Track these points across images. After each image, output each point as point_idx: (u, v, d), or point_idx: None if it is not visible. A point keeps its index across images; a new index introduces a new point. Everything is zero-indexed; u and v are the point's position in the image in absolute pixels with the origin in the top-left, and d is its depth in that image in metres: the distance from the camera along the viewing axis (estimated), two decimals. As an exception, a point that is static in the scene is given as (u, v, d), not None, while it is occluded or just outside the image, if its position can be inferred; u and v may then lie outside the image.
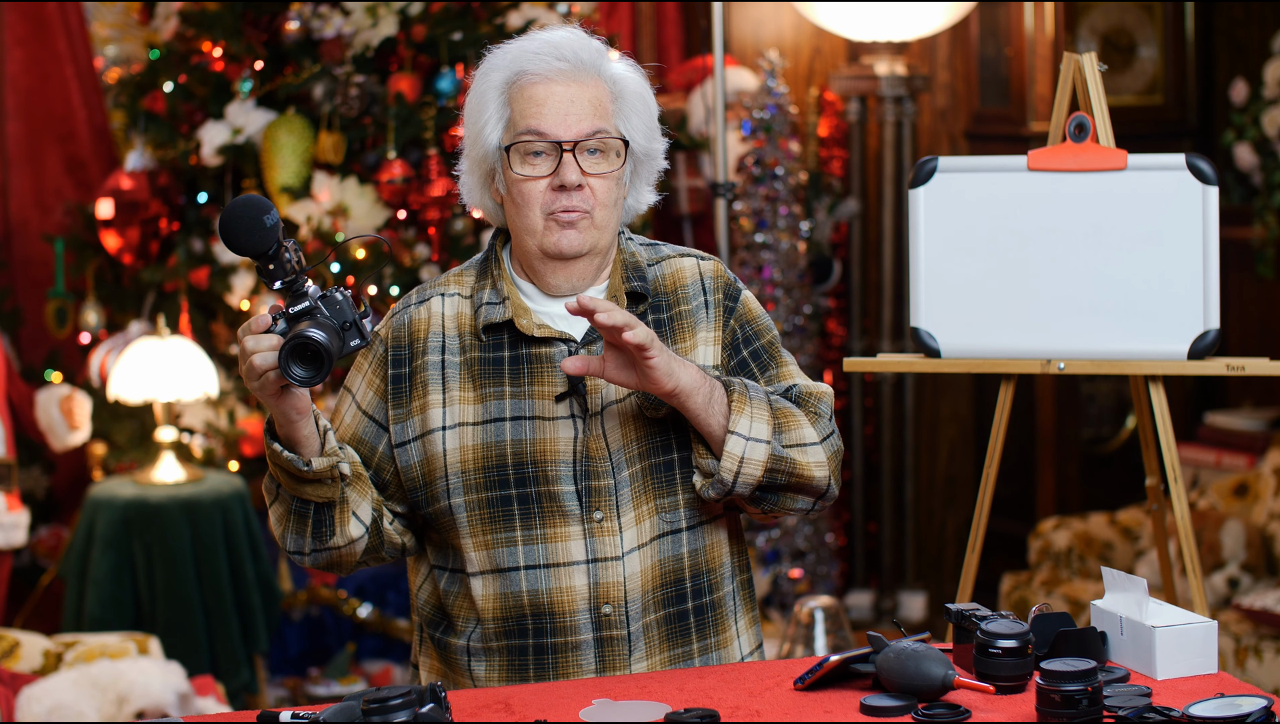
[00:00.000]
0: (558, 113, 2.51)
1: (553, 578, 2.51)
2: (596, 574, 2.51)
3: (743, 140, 5.91)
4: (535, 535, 2.52)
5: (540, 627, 2.52)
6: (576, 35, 2.58)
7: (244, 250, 2.38)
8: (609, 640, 2.52)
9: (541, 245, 2.53)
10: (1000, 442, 3.51)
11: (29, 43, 5.66)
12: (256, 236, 2.37)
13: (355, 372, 2.64)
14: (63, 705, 4.06)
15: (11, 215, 5.68)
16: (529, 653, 2.53)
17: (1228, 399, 6.38)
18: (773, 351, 2.67)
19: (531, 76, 2.53)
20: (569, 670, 2.52)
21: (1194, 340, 3.35)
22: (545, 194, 2.52)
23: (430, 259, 5.22)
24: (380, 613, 5.36)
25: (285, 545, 2.54)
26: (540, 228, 2.53)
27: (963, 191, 3.44)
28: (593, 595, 2.51)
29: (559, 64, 2.53)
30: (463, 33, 5.31)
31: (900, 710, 2.26)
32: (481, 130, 2.56)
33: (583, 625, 2.52)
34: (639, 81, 2.60)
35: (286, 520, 2.52)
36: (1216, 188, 3.33)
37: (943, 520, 6.61)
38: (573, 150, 2.51)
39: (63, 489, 5.59)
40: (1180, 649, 2.38)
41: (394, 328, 2.61)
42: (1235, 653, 5.00)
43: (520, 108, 2.53)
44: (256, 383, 2.39)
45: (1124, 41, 6.36)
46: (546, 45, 2.55)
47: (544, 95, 2.52)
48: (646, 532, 2.54)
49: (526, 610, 2.52)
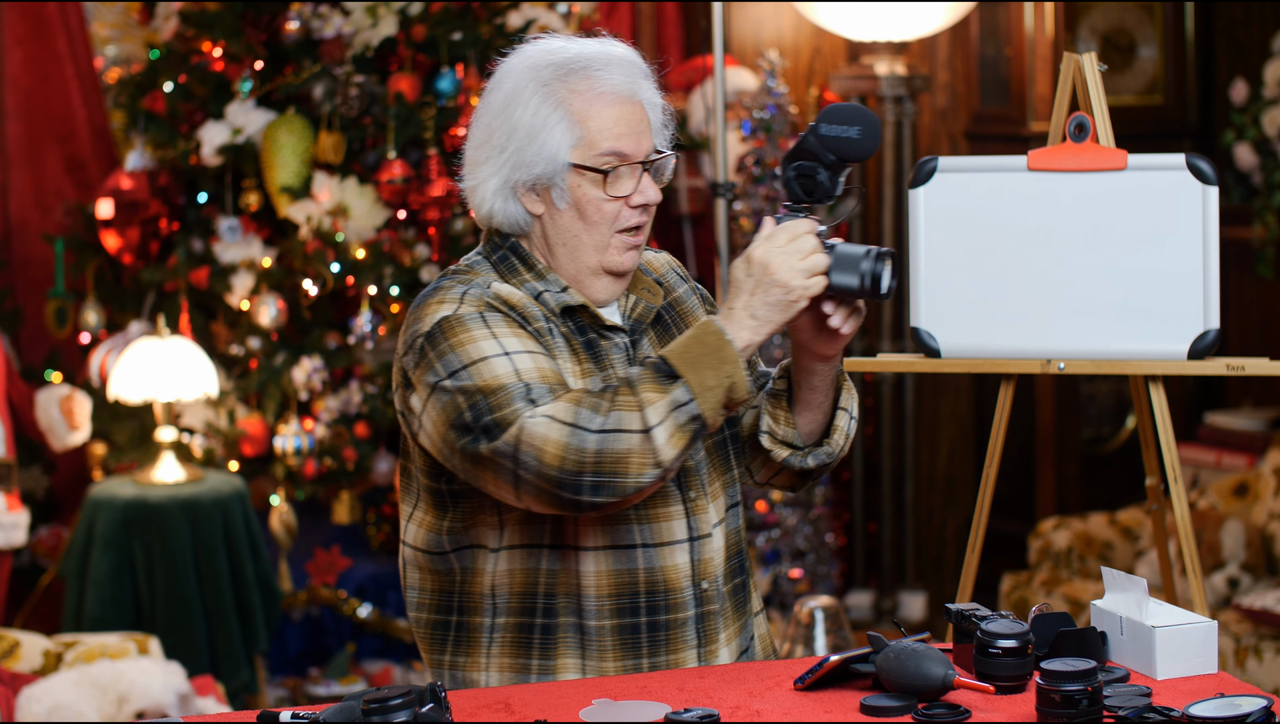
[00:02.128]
0: (634, 133, 2.55)
1: (662, 556, 2.56)
2: (697, 551, 2.58)
3: (743, 140, 5.92)
4: (645, 514, 2.56)
5: (654, 604, 2.56)
6: (628, 49, 2.61)
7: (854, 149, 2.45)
8: (708, 615, 2.59)
9: (604, 262, 2.56)
10: (1000, 442, 3.50)
11: (29, 43, 5.66)
12: (871, 143, 2.45)
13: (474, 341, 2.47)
14: (63, 705, 4.06)
15: (11, 215, 5.68)
16: (642, 630, 2.56)
17: (1228, 399, 6.38)
18: None
19: (606, 96, 2.54)
20: (677, 647, 2.57)
21: (1194, 340, 3.35)
22: (622, 212, 2.56)
23: (430, 259, 5.22)
24: (380, 613, 5.36)
25: (671, 464, 2.39)
26: (608, 245, 2.56)
27: (963, 191, 3.44)
28: (694, 572, 2.57)
29: (629, 82, 2.56)
30: (463, 33, 5.31)
31: (900, 710, 2.26)
32: (539, 145, 2.54)
33: (688, 602, 2.57)
34: (658, 93, 2.65)
35: (685, 439, 2.41)
36: (1216, 188, 3.33)
37: (943, 520, 6.61)
38: (648, 170, 2.57)
39: (63, 489, 5.59)
40: (1180, 649, 2.38)
41: (484, 298, 2.53)
42: (1235, 653, 5.00)
43: (598, 126, 2.53)
44: (805, 281, 2.42)
45: (1124, 41, 6.36)
46: (610, 61, 2.56)
47: (621, 115, 2.54)
48: (722, 507, 2.63)
49: (641, 588, 2.55)
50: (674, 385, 2.38)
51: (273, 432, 5.25)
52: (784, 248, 2.43)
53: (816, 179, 2.47)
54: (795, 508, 5.89)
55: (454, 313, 2.50)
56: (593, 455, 2.36)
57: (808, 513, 5.94)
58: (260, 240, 5.28)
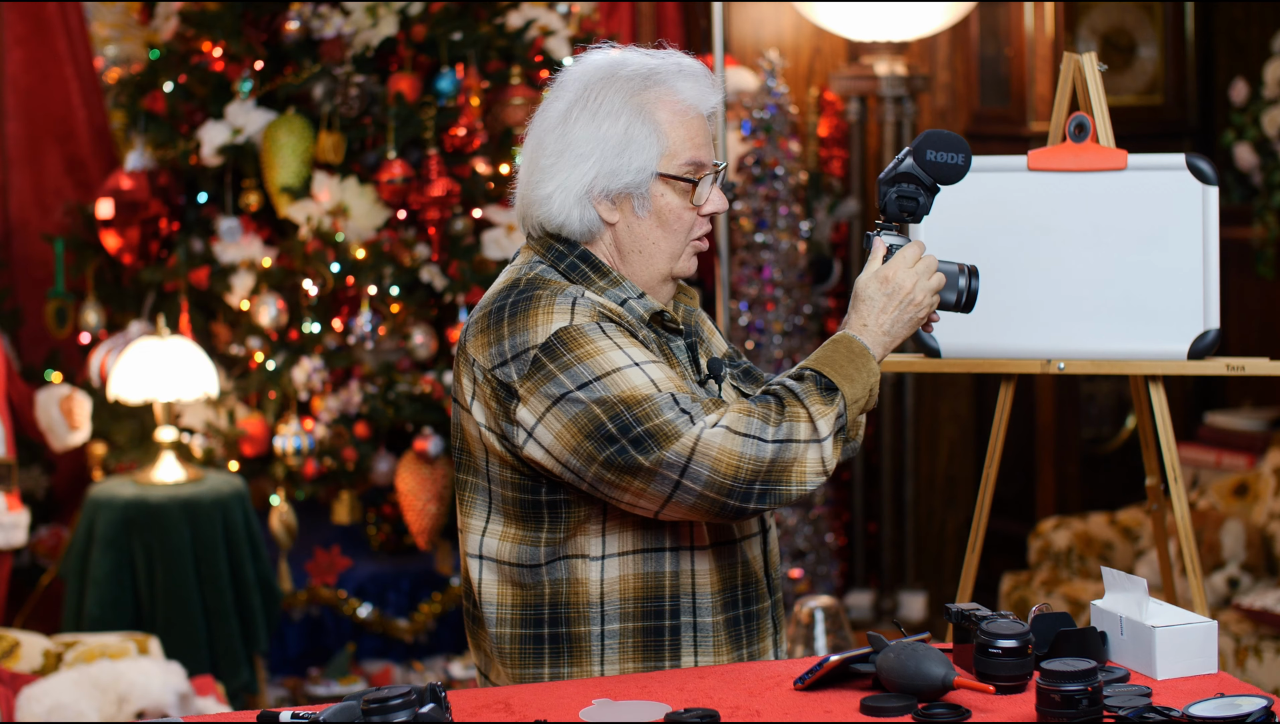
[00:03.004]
0: (708, 144, 2.65)
1: (749, 549, 2.67)
2: (767, 543, 2.71)
3: (743, 140, 5.92)
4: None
5: (750, 594, 2.66)
6: (696, 63, 2.68)
7: (958, 175, 2.67)
8: (776, 604, 2.72)
9: (676, 269, 2.66)
10: (1000, 442, 3.50)
11: (29, 43, 5.66)
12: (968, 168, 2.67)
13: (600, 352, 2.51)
14: (63, 705, 4.06)
15: (11, 215, 5.68)
16: (741, 622, 2.65)
17: (1228, 399, 6.38)
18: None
19: (687, 108, 2.62)
20: (763, 636, 2.68)
21: (1194, 340, 3.35)
22: (697, 220, 2.65)
23: (430, 259, 5.22)
24: (380, 613, 5.36)
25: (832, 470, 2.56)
26: (681, 251, 2.65)
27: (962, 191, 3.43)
28: (766, 563, 2.70)
29: (702, 95, 2.64)
30: (463, 33, 5.31)
31: (900, 710, 2.26)
32: (627, 155, 2.58)
33: (766, 592, 2.69)
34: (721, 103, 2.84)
35: (839, 447, 2.56)
36: (1216, 188, 3.33)
37: (943, 520, 6.61)
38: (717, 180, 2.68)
39: (63, 489, 5.59)
40: (1180, 649, 2.38)
41: (595, 308, 2.56)
42: (1235, 653, 5.00)
43: (682, 136, 2.61)
44: (931, 299, 2.64)
45: (1124, 41, 6.36)
46: (687, 73, 2.64)
47: (699, 126, 2.64)
48: None
49: (739, 580, 2.65)
50: (836, 397, 2.53)
51: (273, 432, 5.25)
52: (915, 268, 2.62)
53: (919, 201, 2.67)
54: (795, 508, 5.88)
55: (571, 323, 2.53)
56: (768, 464, 2.47)
57: (808, 513, 5.94)
58: (260, 240, 5.28)
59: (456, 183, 5.22)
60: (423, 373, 5.23)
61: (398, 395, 5.18)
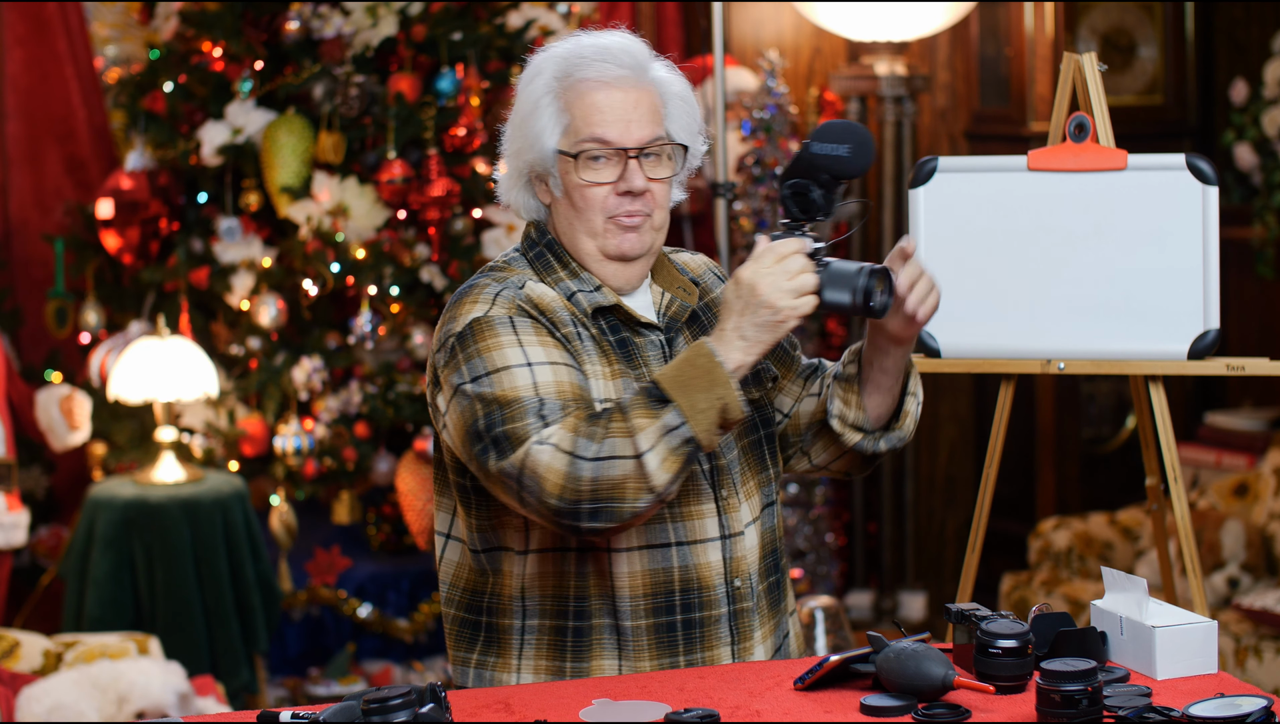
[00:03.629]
0: (621, 120, 2.56)
1: (695, 554, 2.58)
2: (729, 549, 2.60)
3: (743, 140, 5.91)
4: (678, 513, 2.58)
5: (688, 602, 2.58)
6: (629, 39, 2.63)
7: (845, 166, 2.46)
8: (741, 613, 2.61)
9: (603, 248, 2.59)
10: (1000, 442, 3.50)
11: (29, 43, 5.66)
12: (862, 161, 2.47)
13: (500, 347, 2.50)
14: (63, 705, 4.06)
15: (11, 215, 5.68)
16: (677, 628, 2.58)
17: (1228, 399, 6.38)
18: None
19: (591, 83, 2.57)
20: (712, 644, 2.59)
21: (1194, 340, 3.35)
22: (609, 199, 2.57)
23: (430, 259, 5.22)
24: (380, 613, 5.36)
25: (666, 490, 2.40)
26: (601, 230, 2.59)
27: (963, 191, 3.44)
28: (727, 570, 2.59)
29: (619, 70, 2.58)
30: (463, 33, 5.31)
31: (900, 710, 2.26)
32: (535, 133, 2.59)
33: (721, 599, 2.59)
34: (682, 84, 2.66)
35: (678, 463, 2.41)
36: (1216, 188, 3.33)
37: (943, 520, 6.61)
38: (637, 157, 2.57)
39: (63, 489, 5.58)
40: (1180, 649, 2.38)
41: (516, 301, 2.55)
42: (1235, 653, 5.00)
43: (581, 114, 2.57)
44: (792, 302, 2.43)
45: (1124, 41, 6.36)
46: (603, 51, 2.59)
47: (605, 102, 2.57)
48: (756, 506, 2.65)
49: (676, 586, 2.57)
50: (665, 409, 2.39)
51: (273, 432, 5.25)
52: (770, 268, 2.45)
53: (810, 196, 2.50)
54: (795, 508, 5.88)
55: (485, 314, 2.53)
56: (589, 483, 2.38)
57: (808, 513, 5.94)
58: (260, 240, 5.28)
59: (456, 183, 5.22)
60: (422, 373, 5.23)
61: (398, 395, 5.18)
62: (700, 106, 2.72)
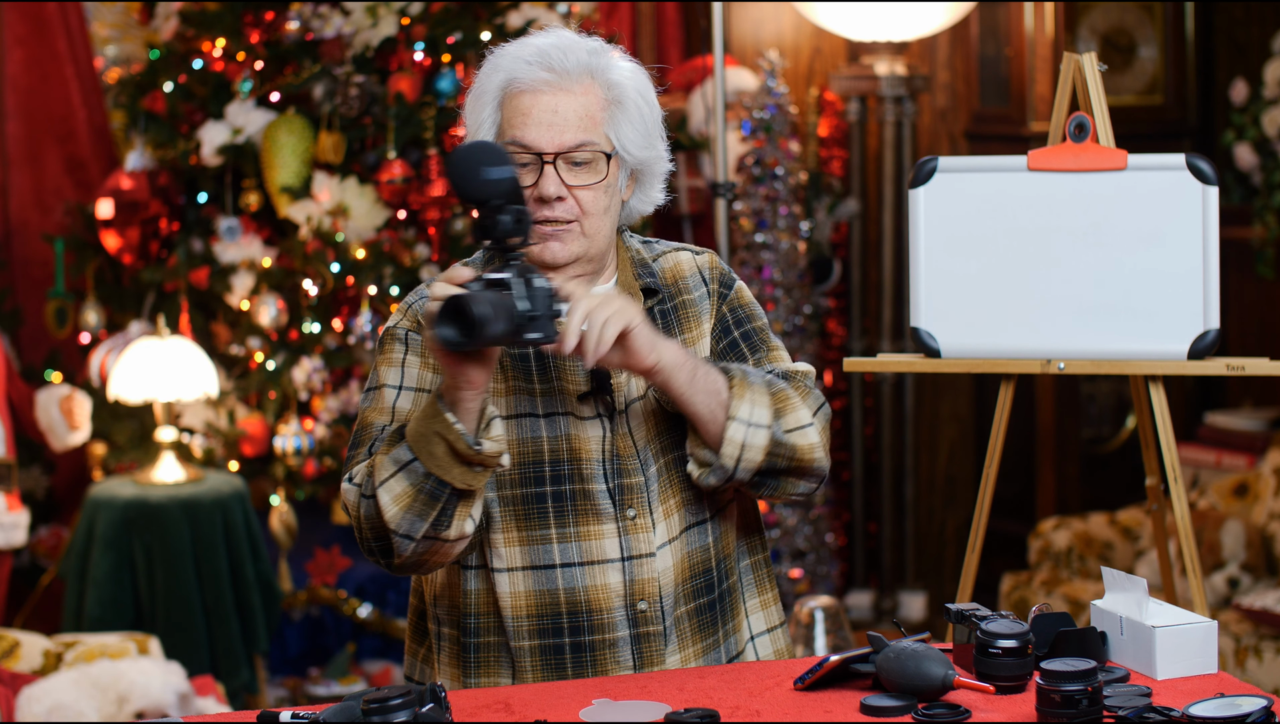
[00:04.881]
0: (541, 124, 2.49)
1: (588, 576, 2.51)
2: (631, 571, 2.52)
3: (743, 140, 5.91)
4: (570, 533, 2.51)
5: (577, 624, 2.52)
6: (569, 40, 2.55)
7: (459, 192, 2.35)
8: (645, 637, 2.53)
9: (528, 254, 2.47)
10: (1000, 442, 3.50)
11: (29, 43, 5.66)
12: (470, 184, 2.34)
13: (388, 365, 2.53)
14: (63, 705, 4.06)
15: (11, 215, 5.68)
16: (565, 651, 2.52)
17: (1228, 399, 6.38)
18: (763, 336, 2.69)
19: (519, 85, 2.51)
20: (607, 667, 2.52)
21: (1194, 340, 3.35)
22: (530, 204, 2.48)
23: (430, 259, 5.22)
24: (380, 613, 5.36)
25: (397, 526, 2.38)
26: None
27: (963, 191, 3.44)
28: (628, 592, 2.52)
29: (545, 74, 2.50)
30: (463, 33, 5.31)
31: (900, 710, 2.26)
32: (476, 133, 2.55)
33: (619, 622, 2.52)
34: (639, 85, 2.56)
35: (411, 499, 2.37)
36: (1216, 188, 3.33)
37: (943, 520, 6.61)
38: (554, 162, 2.49)
39: (63, 489, 5.59)
40: (1180, 649, 2.38)
41: (418, 315, 2.55)
42: (1235, 653, 5.00)
43: (508, 116, 2.52)
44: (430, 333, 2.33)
45: (1124, 41, 6.36)
46: (537, 53, 2.52)
47: (529, 106, 2.50)
48: (676, 525, 2.56)
49: (563, 608, 2.51)
50: (397, 446, 2.38)
51: (273, 432, 5.25)
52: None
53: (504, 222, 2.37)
54: (795, 508, 5.89)
55: (392, 326, 2.57)
56: (363, 521, 2.43)
57: (808, 513, 5.94)
58: (260, 240, 5.28)
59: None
60: (423, 373, 5.23)
61: (398, 395, 5.18)
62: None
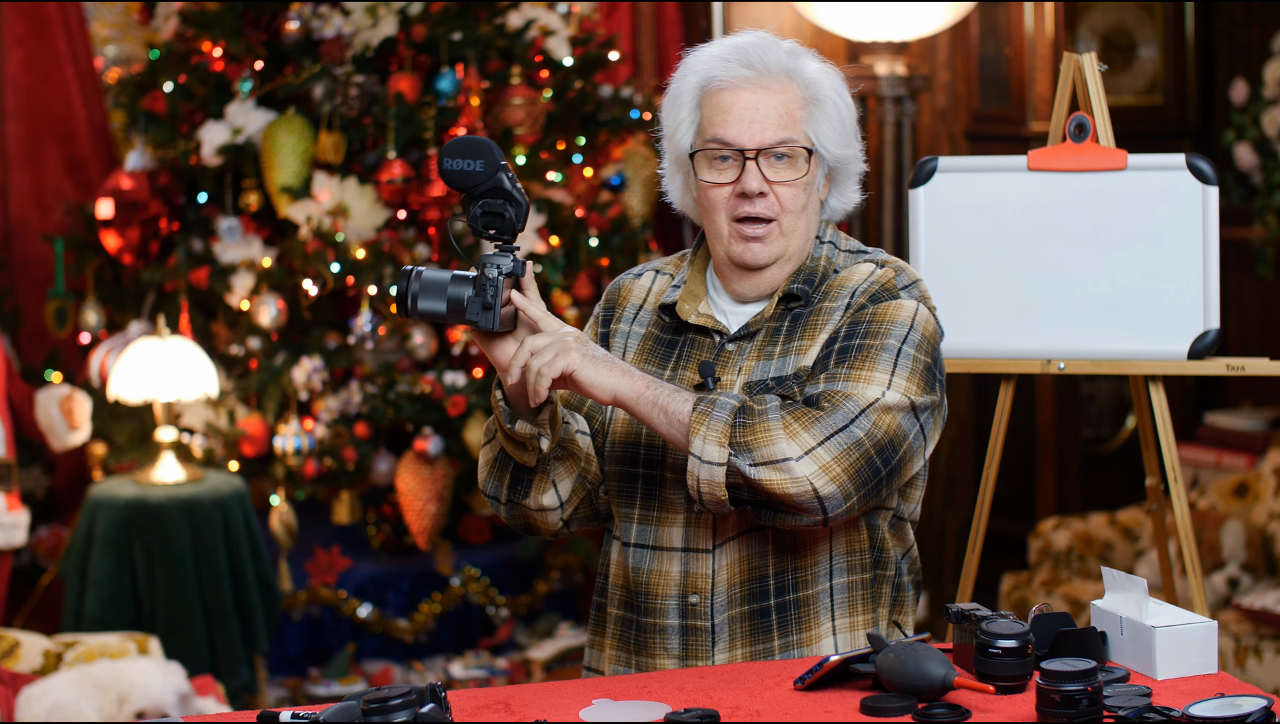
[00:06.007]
0: (743, 120, 2.57)
1: (655, 560, 2.60)
2: (688, 564, 2.58)
3: (743, 140, 5.90)
4: (651, 516, 2.61)
5: (636, 604, 2.61)
6: (766, 39, 2.66)
7: (478, 180, 2.45)
8: (693, 629, 2.58)
9: (728, 253, 2.60)
10: (1000, 442, 3.51)
11: (29, 43, 5.65)
12: (442, 175, 2.46)
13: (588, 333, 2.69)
14: (63, 705, 4.06)
15: (11, 215, 5.68)
16: (632, 626, 2.63)
17: (1228, 399, 6.38)
18: (864, 355, 2.53)
19: (719, 82, 2.59)
20: (656, 652, 2.60)
21: (1194, 340, 3.35)
22: (730, 200, 2.58)
23: (430, 259, 5.22)
24: (380, 613, 5.36)
25: (484, 486, 2.63)
26: (726, 234, 2.60)
27: (963, 191, 3.44)
28: (682, 583, 2.58)
29: (745, 71, 2.59)
30: (463, 33, 5.31)
31: (900, 710, 2.26)
32: (675, 133, 2.64)
33: (671, 610, 2.58)
34: (835, 84, 2.65)
35: (491, 465, 2.61)
36: (1216, 188, 3.33)
37: (943, 520, 6.61)
38: (755, 158, 2.56)
39: (63, 489, 5.58)
40: (1180, 649, 2.38)
41: (608, 291, 2.74)
42: (1235, 653, 5.00)
43: (708, 114, 2.60)
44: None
45: (1124, 41, 6.36)
46: (735, 51, 2.62)
47: (729, 103, 2.58)
48: (734, 527, 2.58)
49: (630, 585, 2.62)
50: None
51: (273, 432, 5.24)
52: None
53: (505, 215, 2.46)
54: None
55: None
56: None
57: (808, 513, 5.94)
58: (260, 240, 5.27)
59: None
60: (423, 373, 5.23)
61: (398, 395, 5.18)
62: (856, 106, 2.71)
